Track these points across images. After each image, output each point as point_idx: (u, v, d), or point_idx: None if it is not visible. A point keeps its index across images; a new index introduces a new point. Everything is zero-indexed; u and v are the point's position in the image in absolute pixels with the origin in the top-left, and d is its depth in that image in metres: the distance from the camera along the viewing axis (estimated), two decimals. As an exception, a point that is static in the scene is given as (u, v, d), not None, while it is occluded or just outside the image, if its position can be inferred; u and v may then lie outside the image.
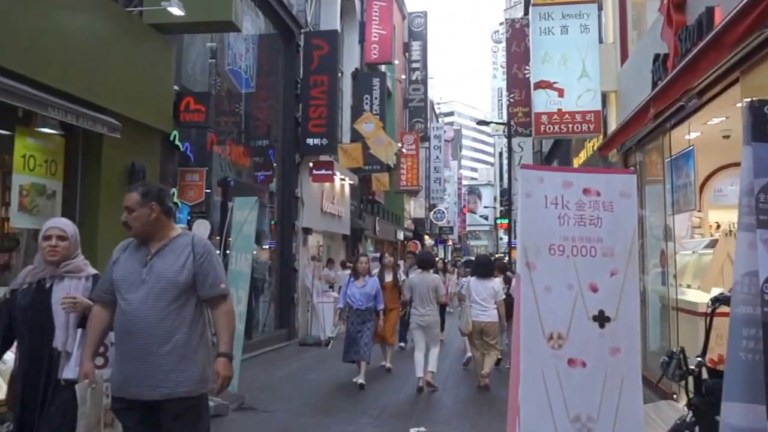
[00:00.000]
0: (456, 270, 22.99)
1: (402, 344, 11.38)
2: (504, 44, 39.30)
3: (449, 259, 49.56)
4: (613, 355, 3.14)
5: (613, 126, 8.29)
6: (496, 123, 28.80)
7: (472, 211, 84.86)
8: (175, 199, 7.95)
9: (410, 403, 7.23)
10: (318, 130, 13.75)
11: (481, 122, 23.85)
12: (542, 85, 8.22)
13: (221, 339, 3.03)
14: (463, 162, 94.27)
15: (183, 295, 2.97)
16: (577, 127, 8.13)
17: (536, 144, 23.17)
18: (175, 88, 7.85)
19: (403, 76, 30.23)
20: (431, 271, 8.24)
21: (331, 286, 14.33)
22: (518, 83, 24.69)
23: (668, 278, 6.47)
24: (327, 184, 15.98)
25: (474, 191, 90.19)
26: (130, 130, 6.67)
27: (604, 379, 3.12)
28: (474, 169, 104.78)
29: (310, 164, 14.50)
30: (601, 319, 3.20)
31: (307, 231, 14.65)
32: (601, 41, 9.42)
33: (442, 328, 11.54)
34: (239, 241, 6.35)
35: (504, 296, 7.94)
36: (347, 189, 18.67)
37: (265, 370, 9.16)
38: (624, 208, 3.42)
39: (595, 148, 8.23)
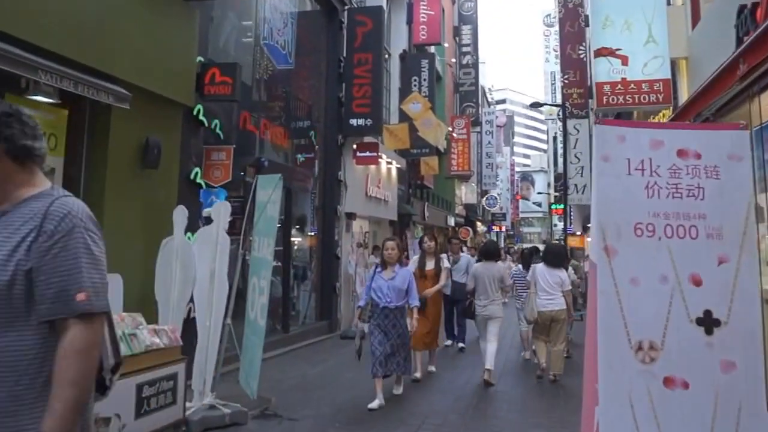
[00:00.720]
0: (509, 258, 22.10)
1: (449, 342, 10.48)
2: (557, 27, 37.73)
3: (503, 245, 48.39)
4: (726, 371, 2.32)
5: (683, 96, 7.27)
6: (551, 105, 27.46)
7: (525, 198, 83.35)
8: (199, 179, 7.38)
9: (458, 413, 6.33)
10: (362, 110, 13.04)
11: (534, 104, 22.65)
12: (604, 52, 7.29)
13: (55, 395, 1.63)
14: (516, 149, 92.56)
15: (9, 309, 1.67)
16: (644, 98, 7.16)
17: (593, 126, 21.82)
18: (200, 59, 7.25)
19: (453, 60, 29.20)
20: (496, 261, 8.15)
21: (377, 274, 13.58)
22: (572, 64, 23.44)
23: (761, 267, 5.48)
24: (372, 168, 15.28)
25: (527, 178, 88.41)
26: (145, 103, 6.11)
27: (714, 404, 2.30)
28: (527, 156, 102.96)
29: (354, 146, 13.82)
30: (709, 322, 2.39)
31: (351, 216, 14.00)
32: (669, 3, 8.39)
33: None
34: (261, 224, 5.70)
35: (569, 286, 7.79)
36: (394, 173, 17.93)
37: (300, 367, 8.54)
38: (734, 175, 2.57)
39: (666, 120, 7.24)
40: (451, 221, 28.39)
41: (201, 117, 7.36)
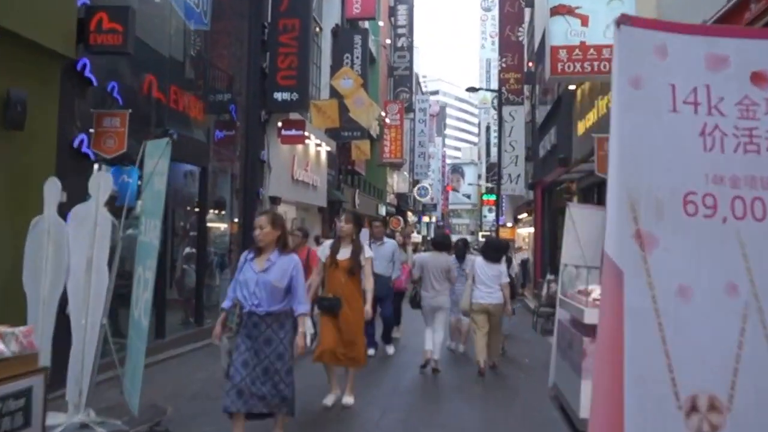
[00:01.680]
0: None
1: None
2: (494, 11, 37.42)
3: (431, 236, 48.14)
4: None
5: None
6: (487, 90, 27.03)
7: (455, 190, 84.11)
8: (86, 149, 6.11)
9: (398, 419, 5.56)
10: (288, 83, 11.88)
11: (470, 89, 22.04)
12: (561, 10, 6.45)
13: None
14: (447, 141, 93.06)
15: None
16: (605, 66, 6.41)
17: (529, 112, 21.53)
18: (86, 1, 5.96)
19: (388, 41, 28.25)
20: (446, 252, 8.01)
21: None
22: (511, 47, 22.98)
23: None
24: (299, 149, 14.17)
25: (457, 169, 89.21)
26: (7, 47, 4.84)
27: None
28: (457, 148, 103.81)
29: (279, 123, 12.66)
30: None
31: (275, 201, 12.87)
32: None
33: (399, 321, 9.90)
34: (148, 201, 4.56)
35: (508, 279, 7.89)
36: (323, 156, 16.86)
37: (210, 367, 7.36)
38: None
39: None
40: (383, 210, 27.56)
41: (88, 74, 6.08)
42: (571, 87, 12.82)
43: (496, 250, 7.96)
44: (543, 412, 5.87)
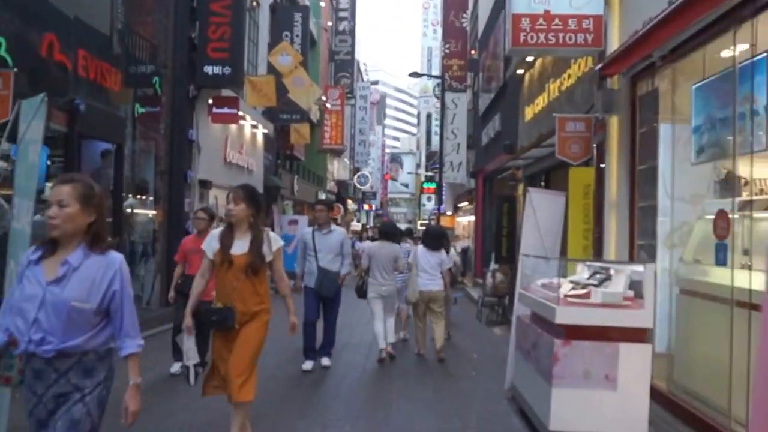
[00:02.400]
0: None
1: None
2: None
3: (371, 224, 47.62)
4: None
5: (613, 41, 6.05)
6: (429, 76, 26.48)
7: (394, 179, 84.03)
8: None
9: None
10: (219, 55, 10.87)
11: (413, 74, 21.36)
12: (525, -26, 5.81)
13: None
14: (386, 131, 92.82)
15: None
16: (570, 38, 5.82)
17: (472, 99, 21.08)
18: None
19: (330, 23, 27.28)
20: (394, 241, 7.96)
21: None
22: (455, 33, 22.45)
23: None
24: (232, 129, 13.17)
25: (396, 159, 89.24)
26: None
27: None
28: (396, 138, 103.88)
29: (210, 100, 11.64)
30: None
31: (206, 185, 11.85)
32: None
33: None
34: (21, 177, 3.56)
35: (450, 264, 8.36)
36: (260, 139, 15.87)
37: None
38: None
39: (597, 68, 6.00)
40: (323, 197, 26.67)
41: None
42: (520, 71, 12.35)
43: (435, 237, 8.18)
44: (502, 420, 5.26)
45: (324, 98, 25.18)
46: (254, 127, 15.23)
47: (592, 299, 4.52)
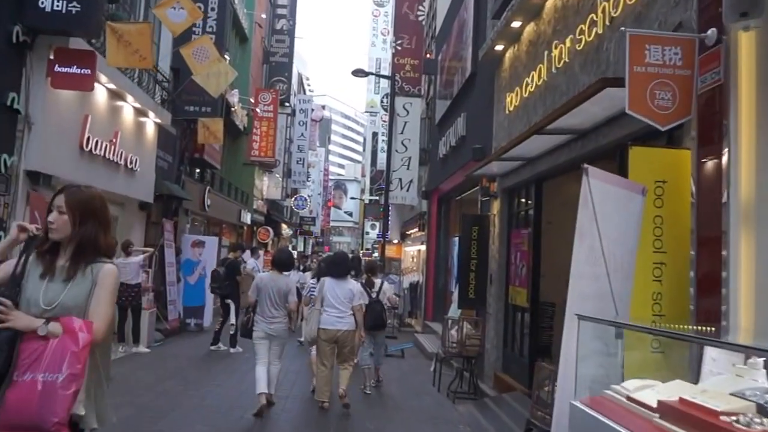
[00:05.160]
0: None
1: None
2: (387, 8, 34.01)
3: (309, 252, 43.57)
4: None
5: None
6: (377, 75, 23.19)
7: (337, 207, 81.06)
8: None
9: None
10: (58, -21, 7.13)
11: (358, 71, 17.83)
12: None
13: None
14: (331, 158, 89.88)
15: None
16: None
17: (427, 108, 17.86)
18: None
19: (264, 16, 23.65)
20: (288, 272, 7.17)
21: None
22: (408, 27, 19.19)
23: None
24: (98, 105, 9.35)
25: (340, 186, 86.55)
26: None
27: None
28: (341, 166, 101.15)
29: (51, 55, 7.82)
30: None
31: (39, 180, 7.96)
32: None
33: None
34: None
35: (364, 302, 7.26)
36: (151, 131, 12.02)
37: None
38: None
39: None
40: (247, 218, 22.69)
41: None
42: (499, 47, 9.11)
43: (338, 264, 7.26)
44: None
45: (251, 100, 21.49)
46: (141, 113, 11.40)
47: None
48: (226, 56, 15.65)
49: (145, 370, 8.67)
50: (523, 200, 8.85)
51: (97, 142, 9.38)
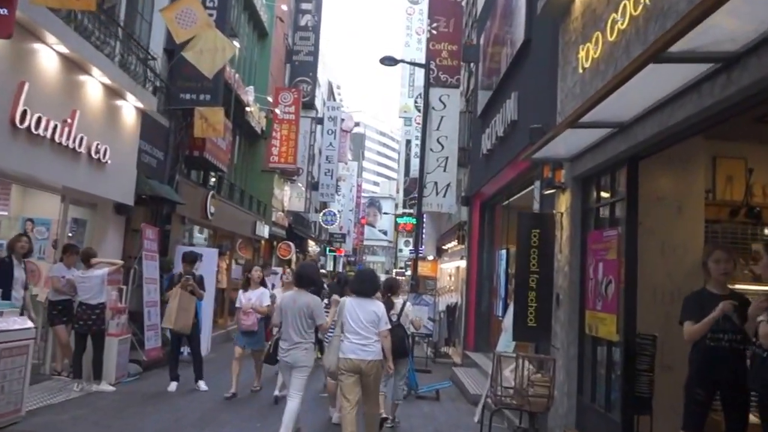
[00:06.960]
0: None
1: None
2: (422, 5, 31.82)
3: (341, 271, 41.18)
4: None
5: None
6: (411, 64, 20.91)
7: (371, 224, 78.74)
8: None
9: None
10: None
11: (387, 58, 15.53)
12: None
13: None
14: (366, 175, 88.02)
15: None
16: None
17: (466, 100, 15.47)
18: None
19: (284, 7, 21.60)
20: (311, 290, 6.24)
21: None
22: (446, 9, 16.91)
23: None
24: (41, 67, 7.18)
25: (374, 203, 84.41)
26: None
27: None
28: (376, 183, 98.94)
29: (-53, -15, 5.65)
30: None
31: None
32: None
33: None
34: None
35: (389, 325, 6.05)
36: (130, 116, 9.85)
37: None
38: None
39: None
40: (264, 230, 20.45)
41: None
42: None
43: (364, 281, 6.08)
44: None
45: (269, 99, 19.38)
46: (115, 93, 9.25)
47: None
48: (235, 42, 13.55)
49: (99, 413, 6.41)
50: (606, 191, 6.33)
51: (40, 119, 7.21)
